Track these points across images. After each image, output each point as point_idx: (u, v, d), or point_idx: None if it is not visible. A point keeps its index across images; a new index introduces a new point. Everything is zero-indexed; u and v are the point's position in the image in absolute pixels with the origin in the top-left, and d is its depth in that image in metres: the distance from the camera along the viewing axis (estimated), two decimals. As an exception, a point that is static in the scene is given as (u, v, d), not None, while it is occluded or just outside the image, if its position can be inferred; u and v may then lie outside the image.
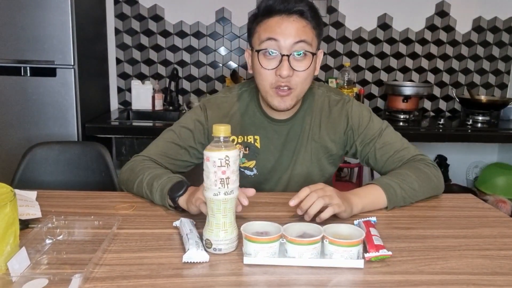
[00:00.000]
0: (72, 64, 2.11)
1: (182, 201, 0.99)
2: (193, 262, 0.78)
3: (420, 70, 2.84)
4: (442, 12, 2.76)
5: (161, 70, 2.75)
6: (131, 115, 2.64)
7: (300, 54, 1.05)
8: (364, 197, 1.04)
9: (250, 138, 1.21)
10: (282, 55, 1.04)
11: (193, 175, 1.12)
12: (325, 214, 0.92)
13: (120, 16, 2.66)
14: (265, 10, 1.06)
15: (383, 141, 1.19)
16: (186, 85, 2.79)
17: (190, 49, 2.73)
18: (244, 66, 2.74)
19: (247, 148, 1.21)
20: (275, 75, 1.06)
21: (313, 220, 0.92)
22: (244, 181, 1.16)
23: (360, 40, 2.78)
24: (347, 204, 0.96)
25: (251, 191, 0.90)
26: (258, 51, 1.06)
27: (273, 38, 1.04)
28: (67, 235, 0.88)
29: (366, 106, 1.25)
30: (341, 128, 1.21)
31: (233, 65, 2.76)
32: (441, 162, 2.85)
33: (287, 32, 1.03)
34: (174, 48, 2.73)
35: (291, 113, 1.20)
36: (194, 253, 0.78)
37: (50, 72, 2.11)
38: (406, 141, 1.22)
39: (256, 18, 1.08)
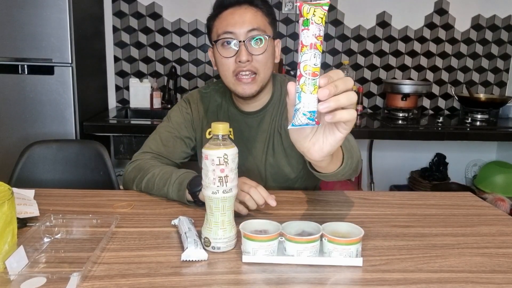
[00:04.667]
0: (70, 62, 2.11)
1: (202, 196, 1.00)
2: (192, 260, 0.78)
3: (419, 68, 2.84)
4: (441, 10, 2.76)
5: (159, 68, 2.75)
6: (129, 114, 2.64)
7: (256, 39, 1.10)
8: None
9: None
10: (239, 42, 1.10)
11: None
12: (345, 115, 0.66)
13: (118, 14, 2.65)
14: (218, 5, 1.14)
15: None
16: (184, 83, 2.78)
17: (188, 47, 2.73)
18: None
19: None
20: (235, 63, 1.11)
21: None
22: None
23: (359, 38, 2.77)
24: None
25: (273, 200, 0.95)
26: (216, 42, 1.12)
27: (229, 31, 1.10)
28: (65, 234, 0.87)
29: None
30: None
31: (232, 63, 2.75)
32: (440, 161, 2.84)
33: (241, 21, 1.10)
34: (172, 46, 2.72)
35: (260, 105, 1.24)
36: (193, 252, 0.78)
37: (48, 70, 2.10)
38: (354, 142, 1.07)
39: (212, 15, 1.16)
